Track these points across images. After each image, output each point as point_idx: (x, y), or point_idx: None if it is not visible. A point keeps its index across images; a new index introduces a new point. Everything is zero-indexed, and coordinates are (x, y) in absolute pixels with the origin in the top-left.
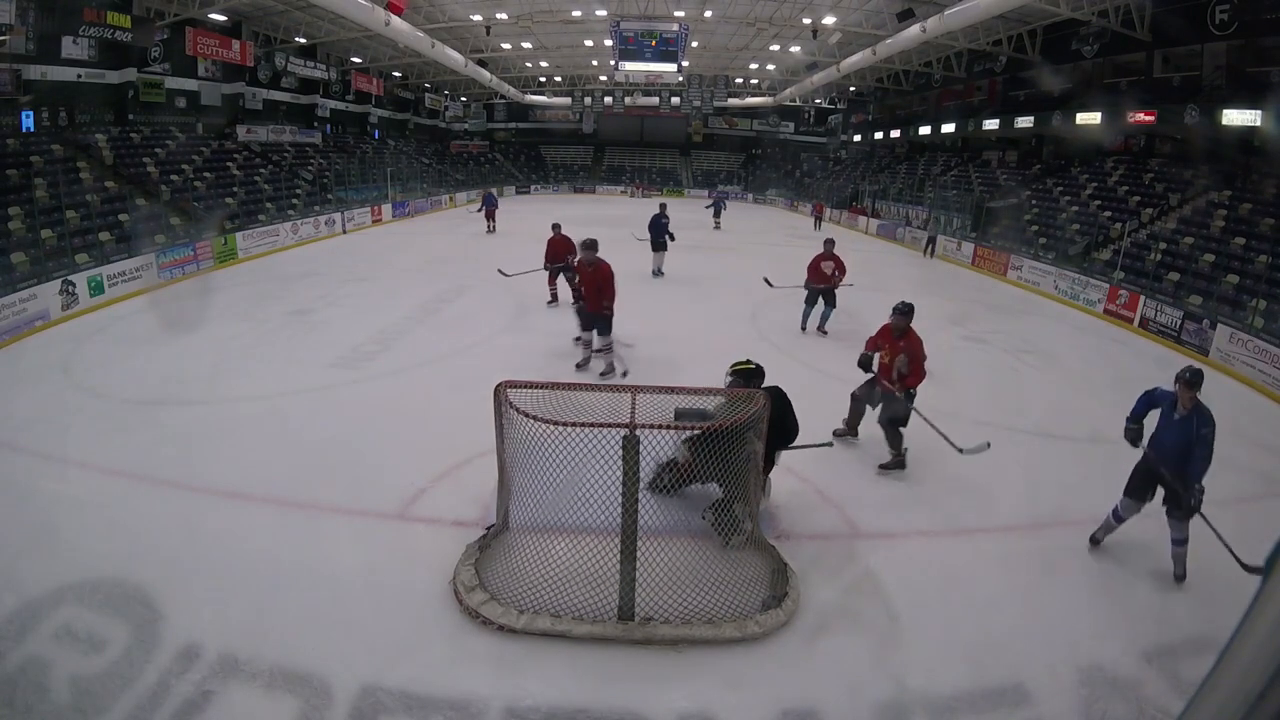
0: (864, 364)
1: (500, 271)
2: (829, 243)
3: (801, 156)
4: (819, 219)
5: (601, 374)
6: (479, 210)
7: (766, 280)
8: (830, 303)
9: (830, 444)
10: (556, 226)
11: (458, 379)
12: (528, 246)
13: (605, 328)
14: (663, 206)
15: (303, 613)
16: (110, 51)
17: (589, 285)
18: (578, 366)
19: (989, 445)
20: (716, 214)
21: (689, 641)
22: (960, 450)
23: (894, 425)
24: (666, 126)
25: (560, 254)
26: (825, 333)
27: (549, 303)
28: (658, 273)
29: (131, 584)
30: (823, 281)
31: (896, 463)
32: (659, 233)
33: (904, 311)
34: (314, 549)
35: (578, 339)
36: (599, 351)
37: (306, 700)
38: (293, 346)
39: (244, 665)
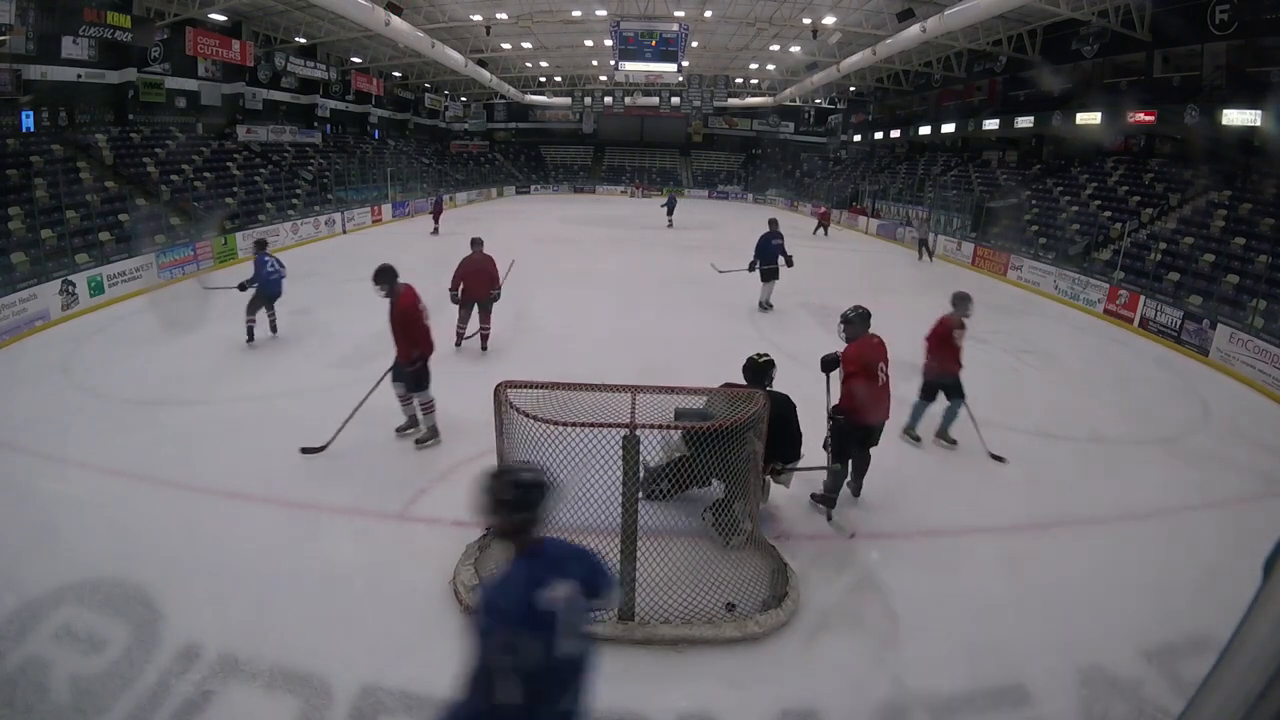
0: (825, 365)
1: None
2: (963, 302)
3: (801, 156)
4: (824, 226)
5: (409, 434)
6: (430, 212)
7: (714, 266)
8: (960, 394)
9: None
10: (477, 243)
11: (457, 379)
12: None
13: (413, 383)
14: (773, 224)
15: (303, 613)
16: (110, 51)
17: (394, 326)
18: (398, 431)
19: (853, 535)
20: (670, 212)
21: (689, 641)
22: (829, 519)
23: (831, 452)
24: (666, 126)
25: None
26: (954, 442)
27: (455, 344)
28: (766, 305)
29: (131, 584)
30: (954, 366)
31: (823, 499)
32: (770, 257)
33: (846, 319)
34: (314, 549)
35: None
36: (422, 411)
37: (306, 700)
38: (293, 346)
39: (244, 665)
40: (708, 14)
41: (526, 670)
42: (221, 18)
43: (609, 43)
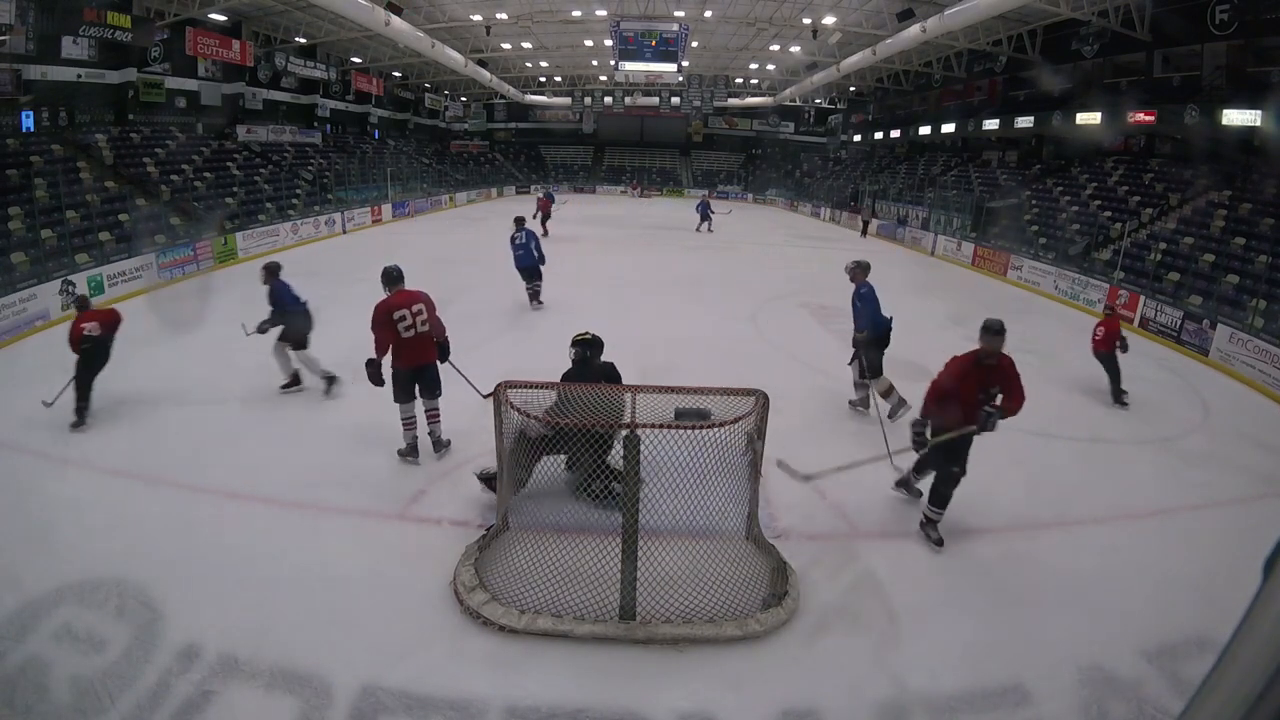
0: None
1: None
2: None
3: (801, 156)
4: (546, 217)
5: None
6: None
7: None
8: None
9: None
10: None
11: (458, 379)
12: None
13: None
14: (519, 220)
15: (303, 613)
16: (110, 51)
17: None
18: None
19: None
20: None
21: (690, 640)
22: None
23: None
24: (666, 126)
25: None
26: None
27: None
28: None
29: (131, 584)
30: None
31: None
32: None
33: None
34: (314, 549)
35: None
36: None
37: (306, 700)
38: None
39: (244, 665)
40: (708, 14)
41: None
42: (221, 18)
43: (609, 43)
